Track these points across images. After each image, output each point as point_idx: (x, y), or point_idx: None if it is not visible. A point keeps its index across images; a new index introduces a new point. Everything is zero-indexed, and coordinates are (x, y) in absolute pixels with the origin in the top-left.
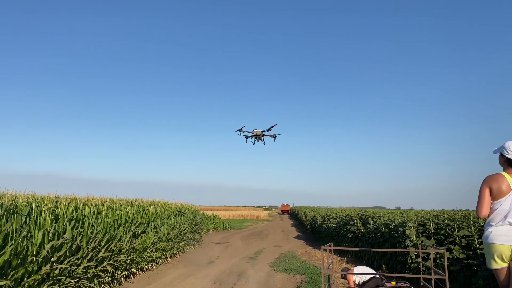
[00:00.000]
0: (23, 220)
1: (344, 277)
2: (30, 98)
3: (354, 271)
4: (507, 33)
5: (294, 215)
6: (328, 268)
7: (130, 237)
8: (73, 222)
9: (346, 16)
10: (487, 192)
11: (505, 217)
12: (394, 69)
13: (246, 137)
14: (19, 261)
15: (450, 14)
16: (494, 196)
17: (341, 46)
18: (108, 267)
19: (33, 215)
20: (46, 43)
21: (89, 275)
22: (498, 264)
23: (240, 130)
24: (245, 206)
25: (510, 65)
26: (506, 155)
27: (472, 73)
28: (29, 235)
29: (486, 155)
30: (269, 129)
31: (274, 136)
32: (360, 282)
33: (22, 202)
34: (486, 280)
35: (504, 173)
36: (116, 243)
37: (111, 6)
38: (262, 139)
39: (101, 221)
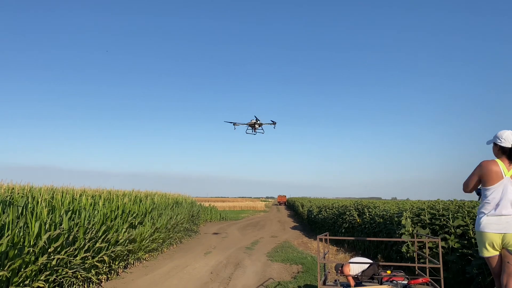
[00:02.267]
0: (20, 211)
1: (341, 272)
2: (27, 92)
3: (351, 262)
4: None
5: (290, 206)
6: (324, 257)
7: (127, 228)
8: (69, 213)
9: (345, 11)
10: (478, 174)
11: (497, 205)
12: (391, 62)
13: (235, 124)
14: (16, 251)
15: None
16: (486, 181)
17: (339, 40)
18: (105, 258)
19: (30, 206)
20: (42, 38)
21: (86, 265)
22: (490, 252)
23: (234, 123)
24: (242, 197)
25: (507, 60)
26: (499, 143)
27: (466, 68)
28: (25, 226)
29: (481, 146)
30: (274, 123)
31: (274, 123)
32: (359, 272)
33: (19, 193)
34: (480, 269)
35: (498, 161)
36: (113, 233)
37: (107, 2)
38: (261, 128)
39: (98, 212)
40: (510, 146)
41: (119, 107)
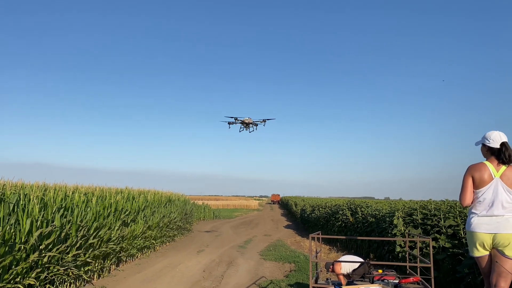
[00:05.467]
0: (11, 208)
1: (332, 270)
2: (18, 87)
3: (341, 260)
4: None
5: (284, 204)
6: (316, 256)
7: (119, 225)
8: (62, 210)
9: (343, 9)
10: (470, 181)
11: (488, 206)
12: (386, 63)
13: (230, 123)
14: (6, 248)
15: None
16: (477, 185)
17: (333, 39)
18: (98, 255)
19: (21, 203)
20: (32, 35)
21: (78, 262)
22: (480, 252)
23: (230, 123)
24: (236, 195)
25: (498, 63)
26: (488, 144)
27: (458, 70)
28: (17, 223)
29: (473, 147)
30: (264, 120)
31: (264, 120)
32: (350, 271)
33: (10, 190)
34: (471, 269)
35: (486, 163)
36: (106, 231)
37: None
38: (253, 126)
39: (91, 210)
40: (498, 146)
41: (112, 104)
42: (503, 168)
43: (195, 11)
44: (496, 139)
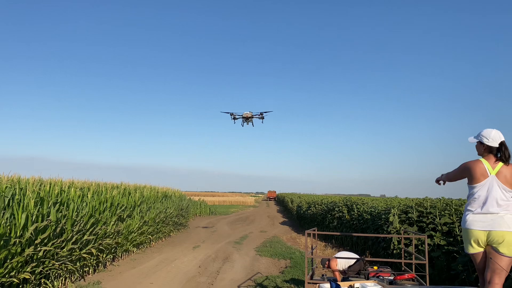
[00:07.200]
0: (6, 202)
1: (327, 266)
2: (13, 81)
3: (337, 256)
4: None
5: (280, 201)
6: (312, 252)
7: (115, 220)
8: (57, 205)
9: (343, 3)
10: (461, 175)
11: (483, 203)
12: (381, 58)
13: (235, 118)
14: (2, 242)
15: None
16: (471, 181)
17: (331, 36)
18: (93, 250)
19: (17, 197)
20: (29, 29)
21: (73, 257)
22: (475, 249)
23: (232, 114)
24: (232, 192)
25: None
26: (487, 143)
27: (456, 67)
28: (12, 217)
29: (468, 145)
30: (261, 114)
31: (262, 117)
32: (345, 267)
33: (6, 184)
34: (465, 266)
35: (483, 160)
36: (101, 226)
37: None
38: (251, 121)
39: (87, 205)
40: (497, 145)
41: (108, 99)
42: (499, 165)
43: (193, 6)
44: (496, 138)
